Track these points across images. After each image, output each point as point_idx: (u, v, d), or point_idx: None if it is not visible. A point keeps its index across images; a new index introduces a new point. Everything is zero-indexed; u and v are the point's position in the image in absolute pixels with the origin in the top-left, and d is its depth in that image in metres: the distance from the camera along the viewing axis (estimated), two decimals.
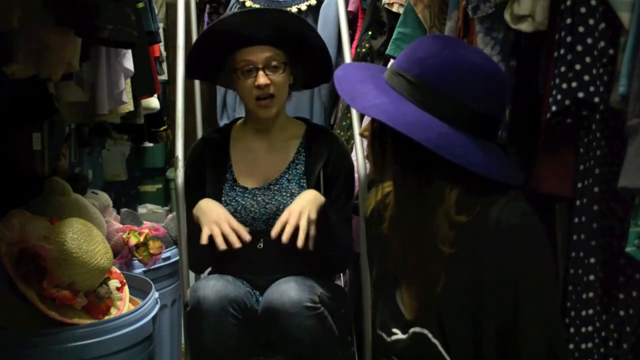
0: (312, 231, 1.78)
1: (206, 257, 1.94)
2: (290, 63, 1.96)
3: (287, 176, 1.97)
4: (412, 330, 1.23)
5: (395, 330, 1.26)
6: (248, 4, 2.82)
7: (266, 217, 1.92)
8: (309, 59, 2.01)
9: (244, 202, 1.94)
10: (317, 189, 1.93)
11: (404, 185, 1.20)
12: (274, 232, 1.76)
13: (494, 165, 1.17)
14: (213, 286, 1.75)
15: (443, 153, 1.12)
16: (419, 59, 1.18)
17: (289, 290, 1.72)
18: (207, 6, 3.39)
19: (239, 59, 1.92)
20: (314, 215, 1.79)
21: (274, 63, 1.91)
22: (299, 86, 2.07)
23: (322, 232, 1.81)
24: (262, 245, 1.91)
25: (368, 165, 1.56)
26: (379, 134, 1.22)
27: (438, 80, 1.16)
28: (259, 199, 1.94)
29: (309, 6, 2.82)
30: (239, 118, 2.13)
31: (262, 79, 1.89)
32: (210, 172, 1.99)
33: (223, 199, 1.95)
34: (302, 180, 1.96)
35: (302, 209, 1.78)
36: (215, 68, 2.02)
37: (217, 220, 1.81)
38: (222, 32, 1.93)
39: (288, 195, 1.93)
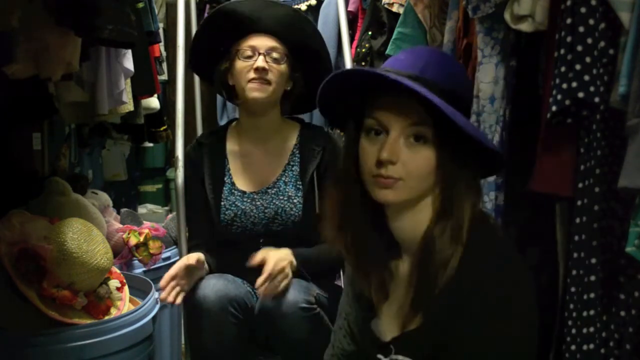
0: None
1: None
2: (291, 61, 1.96)
3: (283, 179, 1.97)
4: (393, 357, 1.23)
5: (379, 356, 1.26)
6: None
7: (265, 222, 1.93)
8: (309, 71, 1.99)
9: (243, 207, 1.94)
10: (312, 190, 1.93)
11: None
12: (261, 288, 1.71)
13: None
14: (213, 285, 1.75)
15: (485, 141, 1.14)
16: (430, 64, 1.19)
17: (284, 292, 1.72)
18: (207, 6, 3.39)
19: (243, 43, 1.92)
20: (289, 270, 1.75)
21: (275, 54, 1.91)
22: (294, 97, 2.02)
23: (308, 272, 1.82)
24: (261, 246, 1.91)
25: None
26: None
27: (452, 84, 1.18)
28: (258, 203, 1.95)
29: (309, 6, 2.82)
30: (234, 119, 2.11)
31: (261, 62, 1.89)
32: (209, 177, 1.98)
33: (222, 203, 1.95)
34: (298, 183, 1.95)
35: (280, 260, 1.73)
36: (217, 57, 2.00)
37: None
38: (230, 16, 1.92)
39: (285, 198, 1.93)
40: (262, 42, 1.91)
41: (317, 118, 2.75)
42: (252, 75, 1.90)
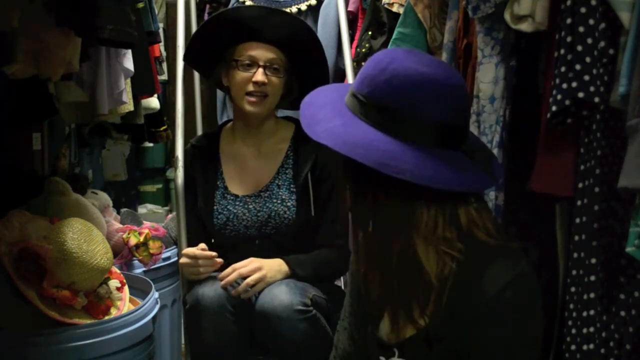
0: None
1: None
2: (289, 72, 1.95)
3: (277, 182, 1.96)
4: None
5: (381, 357, 1.26)
6: (248, 3, 2.82)
7: (258, 225, 1.92)
8: (307, 80, 1.98)
9: (235, 211, 1.94)
10: (306, 193, 1.92)
11: (360, 205, 1.18)
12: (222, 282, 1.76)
13: (451, 175, 1.12)
14: (212, 284, 1.76)
15: (384, 170, 1.09)
16: (368, 76, 1.16)
17: (279, 294, 1.71)
18: (207, 6, 3.39)
19: (242, 51, 1.91)
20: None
21: (275, 65, 1.90)
22: (287, 103, 2.03)
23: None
24: (257, 249, 1.91)
25: None
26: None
27: (386, 97, 1.13)
28: (250, 206, 1.94)
29: (309, 6, 2.82)
30: (228, 121, 2.11)
31: (260, 76, 1.88)
32: (201, 181, 1.98)
33: (215, 207, 1.95)
34: (291, 186, 1.94)
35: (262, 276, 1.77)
36: (214, 59, 1.99)
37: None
38: (231, 21, 1.91)
39: (279, 202, 1.93)
40: (263, 53, 1.90)
41: None
42: (250, 88, 1.89)
